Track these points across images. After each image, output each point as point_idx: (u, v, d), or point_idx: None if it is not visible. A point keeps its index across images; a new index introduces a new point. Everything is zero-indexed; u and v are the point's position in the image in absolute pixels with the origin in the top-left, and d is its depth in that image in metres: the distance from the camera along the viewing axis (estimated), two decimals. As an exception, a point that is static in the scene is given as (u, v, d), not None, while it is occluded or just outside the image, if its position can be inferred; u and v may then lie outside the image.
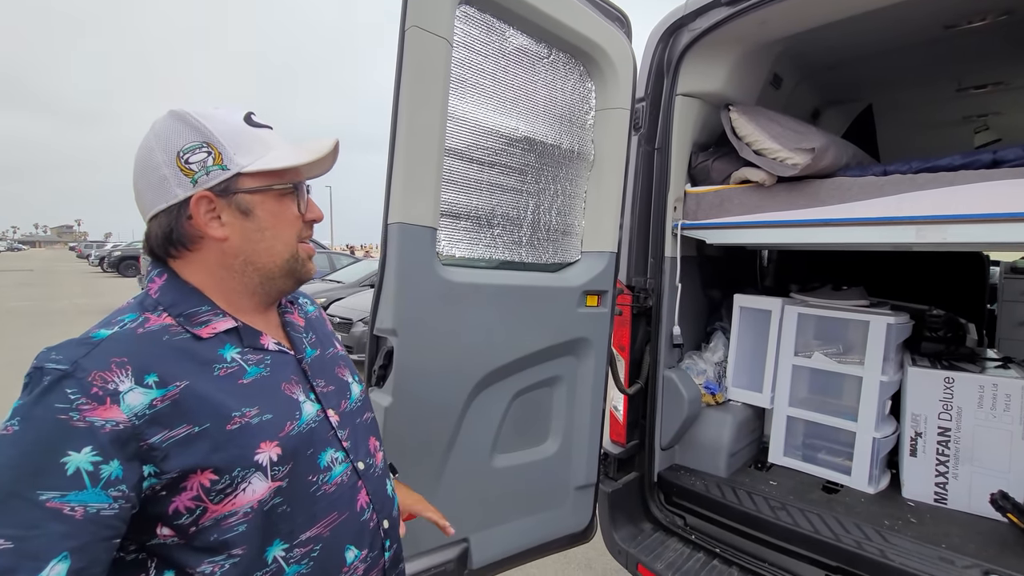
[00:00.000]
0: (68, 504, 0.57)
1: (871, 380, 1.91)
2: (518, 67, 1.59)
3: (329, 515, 0.78)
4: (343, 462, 0.82)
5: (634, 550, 1.88)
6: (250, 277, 0.78)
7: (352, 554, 0.80)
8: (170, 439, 0.64)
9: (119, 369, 0.63)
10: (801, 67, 2.42)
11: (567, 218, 1.79)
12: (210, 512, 0.67)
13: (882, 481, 1.96)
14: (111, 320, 0.70)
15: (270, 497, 0.71)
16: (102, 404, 0.60)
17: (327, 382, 0.87)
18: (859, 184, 1.71)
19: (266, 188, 0.76)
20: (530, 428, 1.72)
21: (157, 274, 0.77)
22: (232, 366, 0.74)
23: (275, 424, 0.73)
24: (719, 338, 2.31)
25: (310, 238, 0.84)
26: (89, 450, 0.58)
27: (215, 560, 0.68)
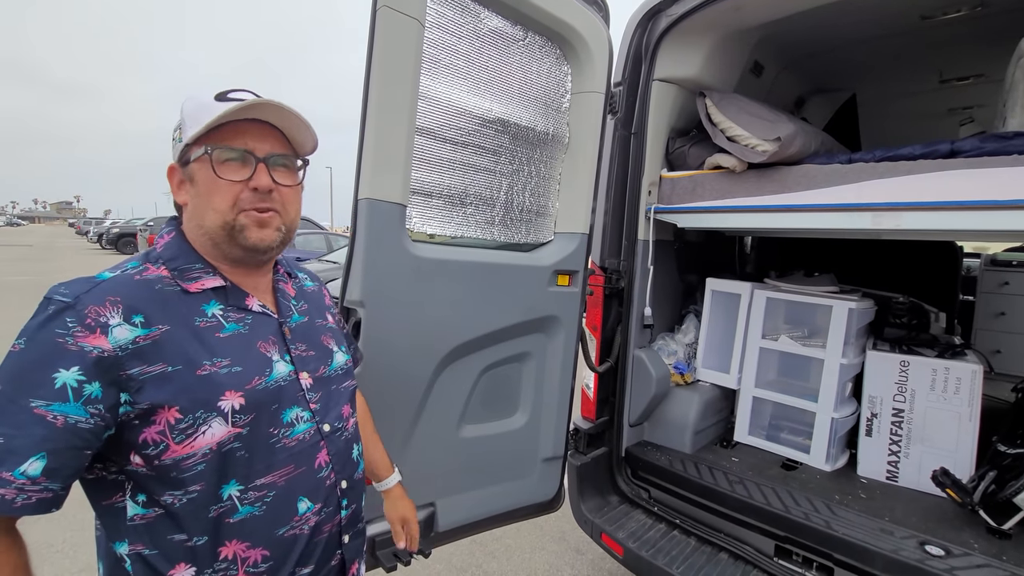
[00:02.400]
0: (52, 412, 0.67)
1: (832, 362, 1.98)
2: (493, 49, 1.62)
3: (286, 466, 0.84)
4: (308, 421, 0.88)
5: (599, 520, 1.97)
6: (204, 239, 0.84)
7: (304, 505, 0.86)
8: (146, 374, 0.73)
9: (112, 306, 0.72)
10: (782, 55, 2.45)
11: (541, 199, 1.83)
12: (171, 450, 0.74)
13: (840, 459, 2.04)
14: (118, 266, 0.81)
15: (228, 440, 0.78)
16: (92, 333, 0.70)
17: (308, 347, 0.93)
18: (824, 172, 1.75)
19: (198, 156, 0.81)
20: (499, 401, 1.78)
21: (167, 231, 0.87)
22: (212, 320, 0.82)
23: (242, 376, 0.80)
24: (691, 320, 2.37)
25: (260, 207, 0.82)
26: (76, 370, 0.68)
27: (174, 493, 0.76)
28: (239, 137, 0.82)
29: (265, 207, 0.83)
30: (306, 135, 0.88)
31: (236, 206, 0.81)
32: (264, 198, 0.83)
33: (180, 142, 0.83)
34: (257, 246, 0.83)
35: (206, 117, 0.79)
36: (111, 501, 0.77)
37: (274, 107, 0.82)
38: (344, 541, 0.94)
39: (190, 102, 0.84)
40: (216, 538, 0.78)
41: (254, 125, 0.83)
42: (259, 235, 0.83)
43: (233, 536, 0.79)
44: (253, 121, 0.83)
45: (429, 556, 1.52)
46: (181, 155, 0.83)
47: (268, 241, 0.84)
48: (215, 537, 0.78)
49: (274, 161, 0.84)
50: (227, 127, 0.81)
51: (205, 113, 0.80)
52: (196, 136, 0.80)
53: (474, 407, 1.71)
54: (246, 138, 0.82)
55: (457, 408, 1.66)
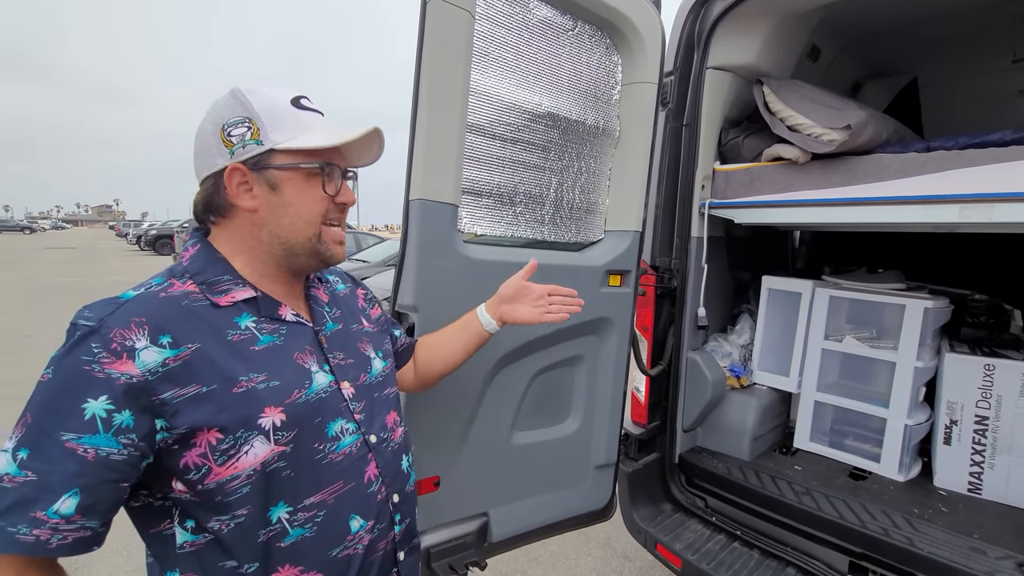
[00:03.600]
0: (82, 446, 0.63)
1: (905, 366, 1.84)
2: (542, 40, 1.55)
3: (335, 483, 0.80)
4: (353, 433, 0.84)
5: (653, 530, 1.89)
6: (275, 249, 0.81)
7: (357, 523, 0.82)
8: (180, 396, 0.68)
9: (137, 328, 0.68)
10: (841, 37, 2.30)
11: (591, 196, 1.76)
12: (214, 473, 0.70)
13: (912, 469, 1.91)
14: (142, 283, 0.76)
15: (273, 460, 0.74)
16: (119, 358, 0.66)
17: (346, 355, 0.89)
18: (899, 161, 1.63)
19: (293, 166, 0.79)
20: (551, 407, 1.72)
21: (192, 243, 0.82)
22: (245, 333, 0.77)
23: (282, 390, 0.76)
24: (745, 320, 2.26)
25: (340, 222, 0.86)
26: (104, 399, 0.64)
27: (221, 519, 0.72)
28: (331, 153, 0.82)
29: (343, 218, 0.87)
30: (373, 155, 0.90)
31: (324, 218, 0.83)
32: (344, 211, 0.86)
33: (258, 143, 0.77)
34: (337, 261, 0.86)
35: (295, 125, 0.79)
36: (159, 529, 0.74)
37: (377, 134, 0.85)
38: (399, 558, 0.90)
39: (261, 100, 0.78)
40: (268, 563, 0.74)
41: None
42: (340, 251, 0.86)
43: (285, 561, 0.75)
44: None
45: (485, 568, 1.47)
46: (258, 157, 0.77)
47: (342, 257, 0.87)
48: (266, 563, 0.74)
49: (348, 176, 0.87)
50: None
51: (291, 119, 0.79)
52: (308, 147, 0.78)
53: (526, 413, 1.65)
54: (332, 153, 0.83)
55: (509, 414, 1.61)
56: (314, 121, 0.81)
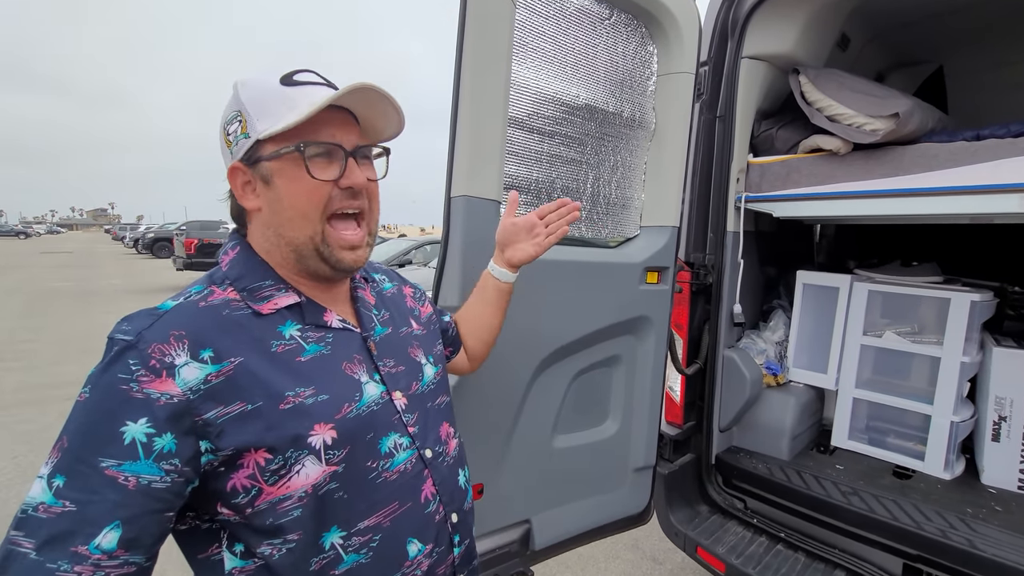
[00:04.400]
0: (123, 474, 0.57)
1: (951, 361, 1.80)
2: (578, 29, 1.50)
3: (390, 504, 0.73)
4: (408, 448, 0.77)
5: (692, 533, 1.84)
6: (286, 251, 0.73)
7: (415, 547, 0.75)
8: (225, 415, 0.63)
9: (177, 342, 0.62)
10: (872, 26, 2.25)
11: (626, 191, 1.70)
12: (265, 494, 0.65)
13: (957, 467, 1.86)
14: (182, 292, 0.70)
15: (324, 481, 0.68)
16: (159, 377, 0.60)
17: (397, 362, 0.82)
18: (948, 150, 1.58)
19: (276, 154, 0.70)
20: (590, 408, 1.67)
21: (231, 246, 0.76)
22: (290, 343, 0.71)
23: (331, 405, 0.70)
24: (779, 316, 2.21)
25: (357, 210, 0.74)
26: (144, 422, 0.59)
27: (273, 543, 0.66)
28: (324, 128, 0.70)
29: (356, 205, 0.75)
30: (392, 121, 0.78)
31: (327, 209, 0.72)
32: (356, 195, 0.74)
33: (246, 137, 0.70)
34: (352, 268, 0.77)
35: (279, 107, 0.68)
36: (207, 554, 0.68)
37: (374, 92, 0.71)
38: None
39: (249, 89, 0.71)
40: None
41: (335, 113, 0.72)
42: (352, 257, 0.76)
43: None
44: (333, 108, 0.71)
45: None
46: (249, 152, 0.71)
47: (362, 261, 0.77)
48: None
49: (361, 154, 0.75)
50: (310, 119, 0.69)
51: (277, 102, 0.69)
52: (284, 129, 0.67)
53: (566, 416, 1.60)
54: (332, 129, 0.71)
55: (550, 417, 1.56)
56: (305, 97, 0.69)
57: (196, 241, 11.90)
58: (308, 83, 0.72)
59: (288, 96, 0.70)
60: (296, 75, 0.72)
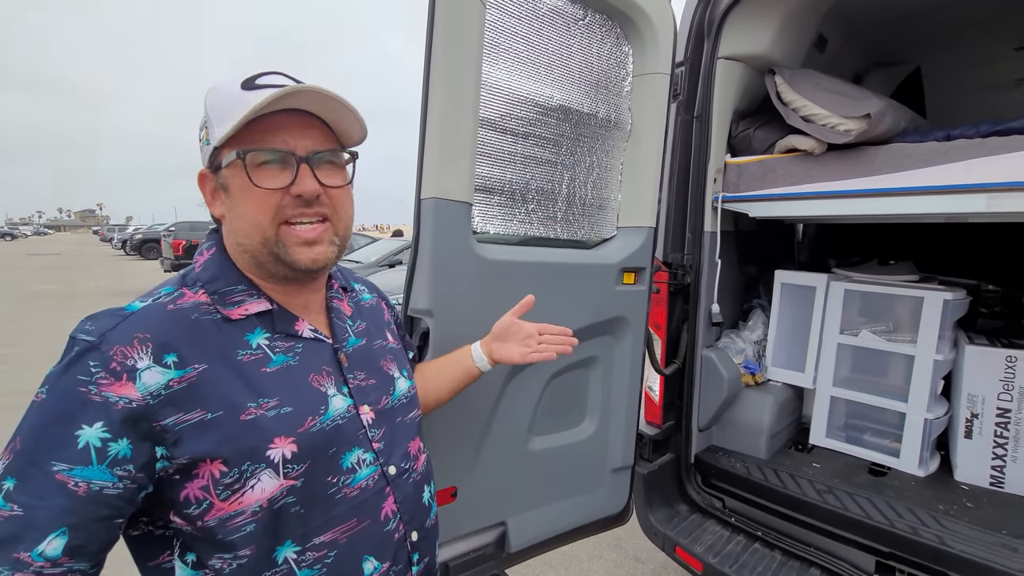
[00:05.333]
0: (73, 479, 0.57)
1: (924, 359, 1.81)
2: (552, 30, 1.49)
3: (348, 521, 0.72)
4: (371, 464, 0.76)
5: (671, 532, 1.85)
6: (245, 257, 0.72)
7: (371, 565, 0.74)
8: (183, 423, 0.62)
9: (140, 345, 0.61)
10: (848, 26, 2.27)
11: (603, 192, 1.70)
12: (216, 509, 0.63)
13: (932, 464, 1.88)
14: (152, 292, 0.69)
15: (281, 496, 0.66)
16: (119, 380, 0.59)
17: (368, 375, 0.81)
18: (920, 150, 1.59)
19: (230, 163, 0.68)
20: (566, 410, 1.67)
21: (207, 247, 0.74)
22: (257, 353, 0.69)
23: (294, 418, 0.68)
24: (758, 316, 2.22)
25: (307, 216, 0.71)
26: (100, 426, 0.58)
27: (223, 557, 0.65)
28: (276, 134, 0.68)
29: (312, 213, 0.71)
30: (353, 123, 0.74)
31: (277, 217, 0.69)
32: (310, 203, 0.70)
33: (208, 144, 0.69)
34: (310, 267, 0.72)
35: (234, 112, 0.66)
36: (158, 561, 0.67)
37: (314, 93, 0.68)
38: None
39: (214, 94, 0.70)
40: None
41: (293, 117, 0.69)
42: (310, 256, 0.71)
43: None
44: (291, 112, 0.69)
45: (505, 581, 1.42)
46: (211, 159, 0.70)
47: (322, 260, 0.73)
48: None
49: (319, 159, 0.71)
50: (261, 122, 0.67)
51: (233, 107, 0.66)
52: (226, 137, 0.66)
53: (542, 417, 1.59)
54: (284, 134, 0.69)
55: (525, 419, 1.55)
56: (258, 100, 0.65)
57: (184, 242, 11.80)
58: (267, 86, 0.68)
59: (244, 100, 0.67)
60: (259, 78, 0.69)
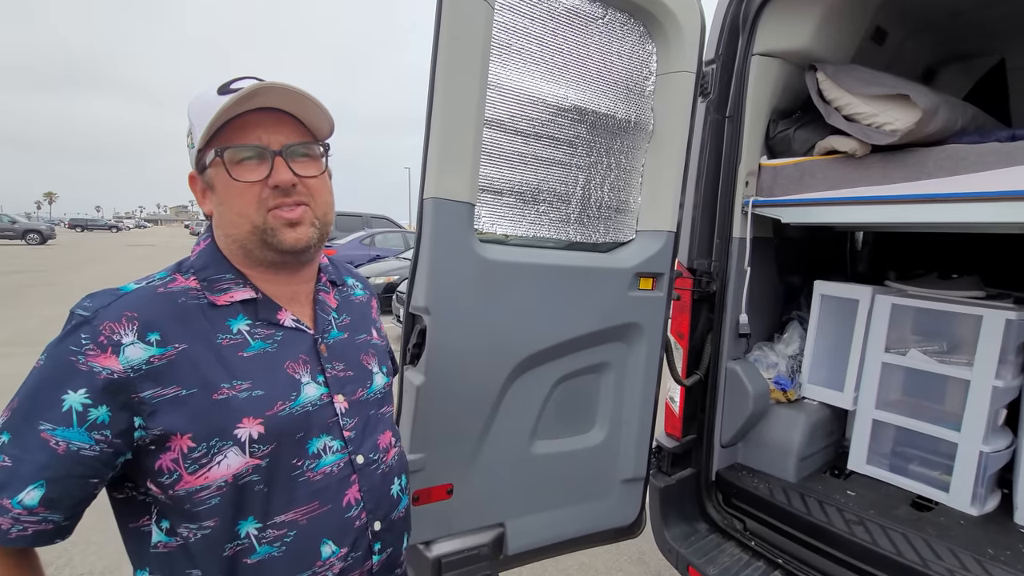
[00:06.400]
0: (55, 438, 0.63)
1: (981, 385, 1.62)
2: (568, 30, 1.47)
3: (310, 504, 0.75)
4: (338, 452, 0.79)
5: (686, 551, 1.77)
6: (234, 248, 0.78)
7: (329, 549, 0.77)
8: (160, 396, 0.67)
9: (127, 323, 0.67)
10: (912, 17, 2.07)
11: (621, 194, 1.66)
12: (184, 482, 0.68)
13: (988, 502, 1.68)
14: (147, 276, 0.75)
15: (246, 473, 0.71)
16: (104, 352, 0.65)
17: (346, 367, 0.84)
18: (977, 152, 1.43)
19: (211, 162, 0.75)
20: (574, 415, 1.64)
21: (203, 238, 0.81)
22: (236, 338, 0.74)
23: (264, 401, 0.73)
24: (795, 329, 2.08)
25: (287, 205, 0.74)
26: (83, 392, 0.64)
27: (189, 527, 0.70)
28: (250, 131, 0.73)
29: (292, 202, 0.75)
30: (320, 117, 0.78)
31: (261, 207, 0.74)
32: (288, 193, 0.74)
33: (192, 147, 0.76)
34: (294, 247, 0.76)
35: (210, 115, 0.71)
36: (138, 524, 0.72)
37: (280, 89, 0.72)
38: None
39: (195, 101, 0.76)
40: None
41: (267, 115, 0.74)
42: (293, 236, 0.75)
43: None
44: (265, 111, 0.74)
45: (498, 583, 1.41)
46: (197, 161, 0.76)
47: (304, 240, 0.76)
48: None
49: (292, 152, 0.75)
50: (237, 122, 0.73)
51: (209, 111, 0.71)
52: (204, 139, 0.72)
53: (547, 421, 1.57)
54: (258, 131, 0.74)
55: (529, 422, 1.54)
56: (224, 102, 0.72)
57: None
58: (240, 89, 0.72)
59: (217, 104, 0.72)
60: (233, 83, 0.75)
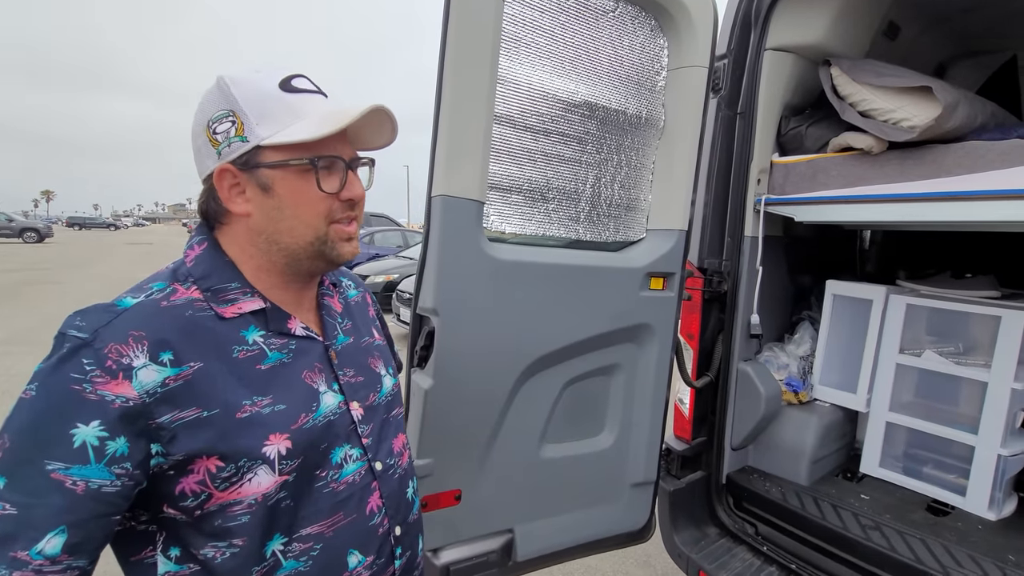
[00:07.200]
0: (71, 478, 0.56)
1: (999, 387, 1.59)
2: (578, 23, 1.43)
3: (334, 515, 0.72)
4: (358, 460, 0.77)
5: (696, 555, 1.73)
6: (275, 256, 0.73)
7: (355, 559, 0.74)
8: (179, 420, 0.62)
9: (136, 343, 0.61)
10: (925, 12, 2.04)
11: (632, 192, 1.62)
12: (215, 499, 0.64)
13: (1007, 506, 1.65)
14: (142, 286, 0.69)
15: (276, 491, 0.67)
16: (115, 378, 0.58)
17: (356, 372, 0.81)
18: (998, 149, 1.39)
19: (283, 163, 0.69)
20: (584, 418, 1.60)
21: (197, 241, 0.74)
22: (253, 349, 0.70)
23: (288, 415, 0.69)
24: (806, 329, 2.05)
25: (350, 219, 0.75)
26: (97, 424, 0.57)
27: (218, 545, 0.65)
28: (328, 141, 0.70)
29: (353, 216, 0.76)
30: (385, 133, 0.77)
31: (326, 219, 0.72)
32: (353, 207, 0.75)
33: (243, 140, 0.68)
34: (349, 259, 0.77)
35: (285, 114, 0.68)
36: (140, 556, 0.67)
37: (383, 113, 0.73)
38: None
39: (243, 88, 0.69)
40: None
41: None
42: (350, 250, 0.76)
43: None
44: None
45: (507, 590, 1.38)
46: (245, 156, 0.68)
47: (356, 252, 0.77)
48: None
49: (355, 165, 0.75)
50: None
51: (280, 108, 0.68)
52: (300, 140, 0.67)
53: (556, 424, 1.54)
54: (332, 141, 0.70)
55: (538, 425, 1.50)
56: (308, 106, 0.70)
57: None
58: (306, 91, 0.71)
59: (289, 103, 0.69)
60: (293, 80, 0.71)
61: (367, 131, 0.76)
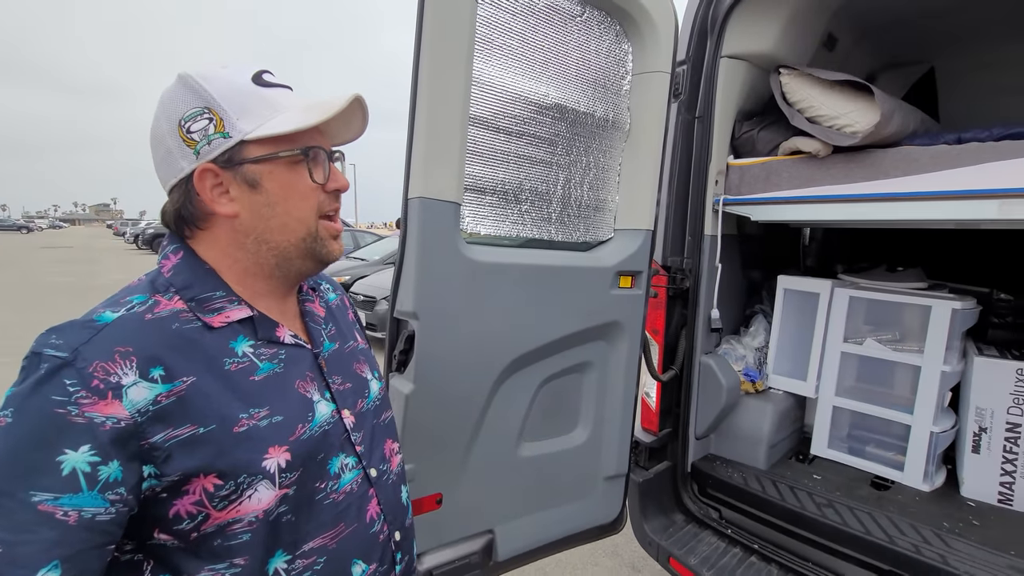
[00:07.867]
0: (61, 508, 0.52)
1: (931, 370, 1.75)
2: (548, 26, 1.45)
3: (336, 526, 0.71)
4: (354, 468, 0.75)
5: (665, 542, 1.80)
6: (265, 257, 0.70)
7: (359, 569, 0.73)
8: (173, 439, 0.58)
9: (123, 360, 0.57)
10: (860, 25, 2.20)
11: (600, 193, 1.66)
12: (213, 519, 0.61)
13: (937, 478, 1.82)
14: (119, 300, 0.64)
15: (276, 506, 0.64)
16: (103, 399, 0.54)
17: (344, 379, 0.79)
18: (929, 153, 1.53)
19: (272, 156, 0.67)
20: (558, 416, 1.63)
21: (172, 250, 0.70)
22: (244, 361, 0.67)
23: (285, 427, 0.67)
24: (760, 322, 2.17)
25: (336, 212, 0.74)
26: (87, 449, 0.53)
27: (216, 568, 0.62)
28: (308, 133, 0.69)
29: (337, 208, 0.75)
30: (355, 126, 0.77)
31: (318, 212, 0.72)
32: (338, 199, 0.75)
33: (225, 136, 0.64)
34: (335, 258, 0.76)
35: (263, 108, 0.67)
36: None
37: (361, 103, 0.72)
38: None
39: (216, 83, 0.66)
40: None
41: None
42: (337, 247, 0.75)
43: None
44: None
45: (490, 591, 1.38)
46: (228, 153, 0.65)
47: (340, 253, 0.76)
48: None
49: (333, 158, 0.75)
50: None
51: (257, 102, 0.66)
52: (286, 132, 0.66)
53: (533, 423, 1.56)
54: (312, 133, 0.70)
55: (515, 425, 1.52)
56: (283, 100, 0.69)
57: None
58: (277, 85, 0.71)
59: (265, 97, 0.68)
60: (263, 75, 0.70)
61: (337, 124, 0.75)
